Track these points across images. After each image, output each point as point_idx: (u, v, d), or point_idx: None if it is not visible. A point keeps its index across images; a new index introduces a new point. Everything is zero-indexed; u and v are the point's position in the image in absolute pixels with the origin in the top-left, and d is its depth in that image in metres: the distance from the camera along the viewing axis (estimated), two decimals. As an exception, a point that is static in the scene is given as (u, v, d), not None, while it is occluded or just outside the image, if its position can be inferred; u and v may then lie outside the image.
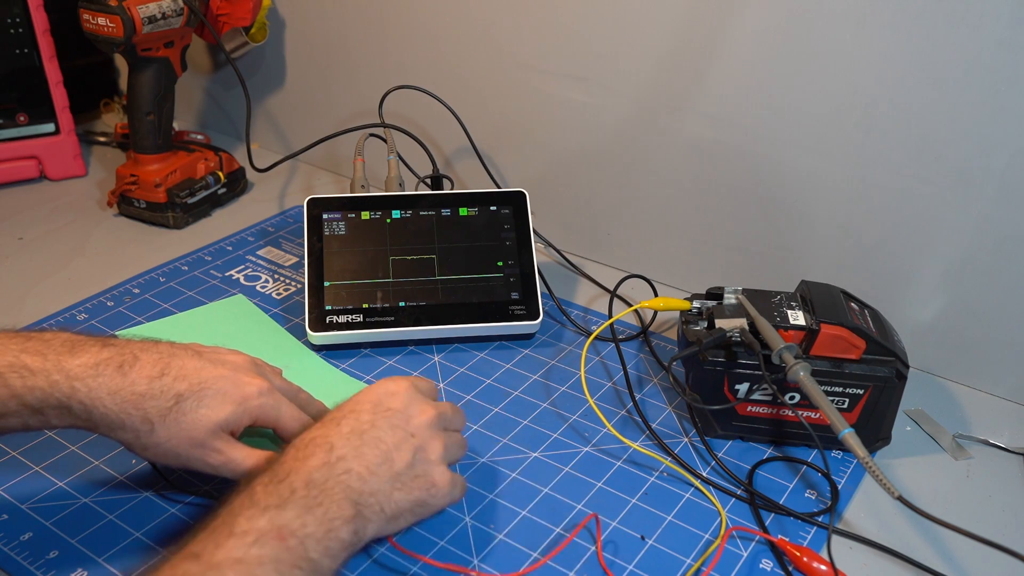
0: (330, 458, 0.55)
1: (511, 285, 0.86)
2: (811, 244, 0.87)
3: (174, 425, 0.59)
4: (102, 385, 0.58)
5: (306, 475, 0.53)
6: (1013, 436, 0.77)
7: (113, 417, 0.58)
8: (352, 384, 0.80)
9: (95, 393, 0.57)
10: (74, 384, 0.57)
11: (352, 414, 0.59)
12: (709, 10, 0.83)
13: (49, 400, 0.57)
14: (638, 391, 0.81)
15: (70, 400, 0.57)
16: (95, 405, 0.57)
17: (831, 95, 0.80)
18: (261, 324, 0.85)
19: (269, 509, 0.51)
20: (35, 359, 0.57)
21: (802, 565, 0.62)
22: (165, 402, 0.59)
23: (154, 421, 0.58)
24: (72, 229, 1.05)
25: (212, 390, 0.60)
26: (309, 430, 0.58)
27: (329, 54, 1.14)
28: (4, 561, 0.61)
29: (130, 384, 0.58)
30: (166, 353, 0.61)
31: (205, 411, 0.59)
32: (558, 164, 1.00)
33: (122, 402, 0.58)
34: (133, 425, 0.58)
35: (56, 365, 0.57)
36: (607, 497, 0.69)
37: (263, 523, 0.50)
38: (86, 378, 0.58)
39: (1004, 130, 0.73)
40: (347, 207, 0.88)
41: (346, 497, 0.54)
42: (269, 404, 0.62)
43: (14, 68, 1.09)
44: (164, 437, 0.59)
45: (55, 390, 0.57)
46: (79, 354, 0.58)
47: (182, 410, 0.59)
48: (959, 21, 0.72)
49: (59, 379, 0.57)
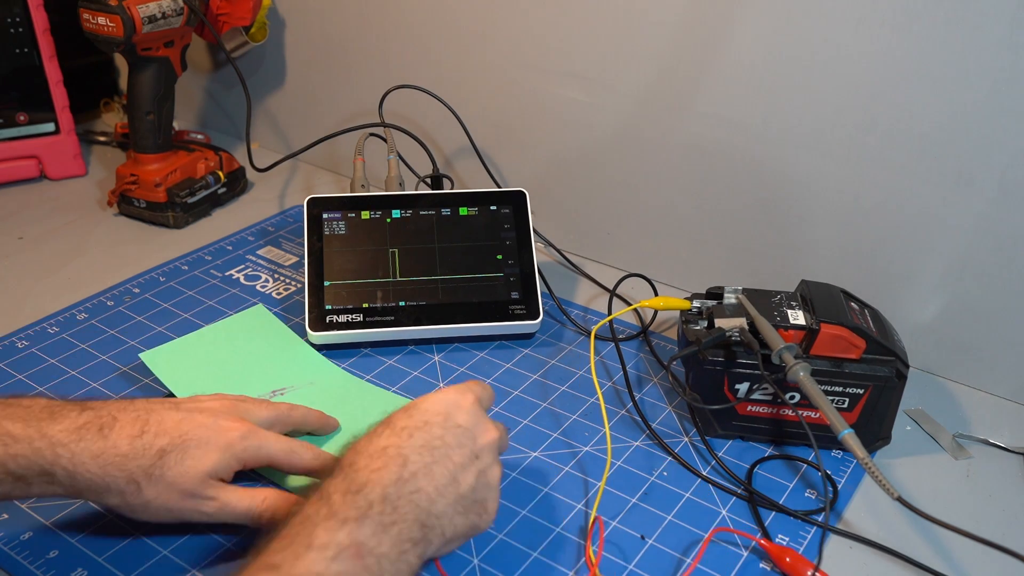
0: (403, 473, 0.53)
1: (511, 285, 0.86)
2: (811, 244, 0.87)
3: (160, 481, 0.58)
4: (84, 450, 0.57)
5: (382, 489, 0.52)
6: (1013, 436, 0.77)
7: (98, 481, 0.57)
8: (378, 393, 0.79)
9: (78, 458, 0.56)
10: (57, 450, 0.56)
11: (426, 426, 0.56)
12: (709, 10, 0.83)
13: (32, 468, 0.56)
14: (638, 391, 0.81)
15: (53, 467, 0.56)
16: (78, 471, 0.56)
17: (831, 95, 0.80)
18: (283, 338, 0.84)
19: (348, 522, 0.50)
20: (17, 426, 0.56)
21: (785, 566, 0.62)
22: (148, 460, 0.58)
23: (140, 480, 0.58)
24: (72, 229, 1.05)
25: (194, 440, 0.59)
26: (379, 434, 0.56)
27: (329, 54, 1.14)
28: (4, 561, 0.61)
29: (112, 446, 0.57)
30: (143, 410, 0.60)
31: (191, 462, 0.59)
32: (558, 164, 1.00)
33: (106, 465, 0.57)
34: (119, 487, 0.57)
35: (38, 431, 0.56)
36: (607, 497, 0.69)
37: (342, 537, 0.49)
38: (69, 443, 0.57)
39: (1004, 130, 0.73)
40: (347, 207, 0.88)
41: (416, 519, 0.52)
42: (253, 446, 0.61)
43: (14, 68, 1.09)
44: (152, 495, 0.58)
45: (38, 457, 0.56)
46: (59, 419, 0.57)
47: (166, 464, 0.58)
48: (959, 21, 0.72)
49: (42, 446, 0.56)
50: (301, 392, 0.77)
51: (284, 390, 0.77)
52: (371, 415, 0.72)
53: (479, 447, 0.57)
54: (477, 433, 0.58)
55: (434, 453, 0.55)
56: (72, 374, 0.80)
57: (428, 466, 0.54)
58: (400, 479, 0.53)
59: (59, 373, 0.80)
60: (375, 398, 0.78)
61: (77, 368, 0.80)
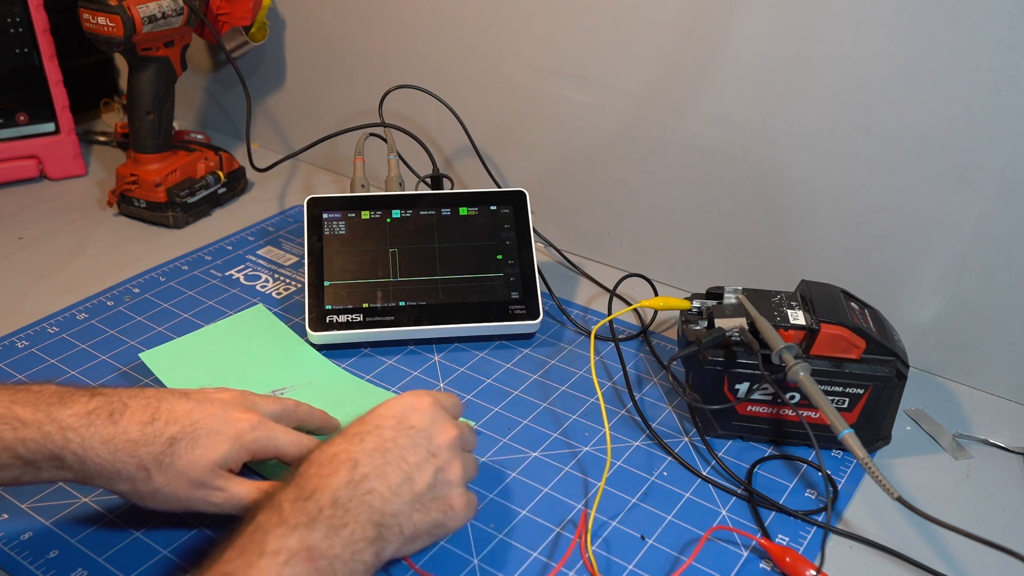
0: (354, 476, 0.55)
1: (511, 285, 0.86)
2: (811, 244, 0.87)
3: (170, 469, 0.58)
4: (95, 435, 0.57)
5: (332, 493, 0.53)
6: (1013, 436, 0.77)
7: (108, 467, 0.57)
8: (377, 393, 0.79)
9: (88, 443, 0.57)
10: (67, 435, 0.56)
11: (377, 430, 0.58)
12: (709, 10, 0.83)
13: (42, 452, 0.56)
14: (638, 391, 0.81)
15: (63, 451, 0.56)
16: (88, 456, 0.57)
17: (831, 95, 0.80)
18: (283, 338, 0.84)
19: (299, 528, 0.51)
20: (27, 410, 0.56)
21: (785, 566, 0.62)
22: (159, 447, 0.58)
23: (150, 467, 0.58)
24: (72, 229, 1.05)
25: (205, 429, 0.60)
26: (331, 443, 0.57)
27: (329, 54, 1.14)
28: (4, 561, 0.61)
29: (122, 432, 0.58)
30: (154, 398, 0.61)
31: (201, 451, 0.59)
32: (558, 164, 1.00)
33: (116, 451, 0.57)
34: (129, 473, 0.58)
35: (48, 416, 0.57)
36: (607, 497, 0.69)
37: (293, 542, 0.50)
38: (79, 428, 0.57)
39: (1004, 130, 0.73)
40: (347, 207, 0.88)
41: (369, 519, 0.54)
42: (263, 437, 0.62)
43: (14, 68, 1.09)
44: (162, 482, 0.58)
45: (48, 441, 0.56)
46: (69, 404, 0.58)
47: (177, 452, 0.58)
48: (959, 21, 0.72)
49: (52, 430, 0.56)
50: (301, 391, 0.77)
51: (284, 390, 0.77)
52: None
53: (435, 446, 0.59)
54: (433, 432, 0.59)
55: (386, 455, 0.56)
56: (72, 374, 0.80)
57: (380, 467, 0.56)
58: (351, 481, 0.54)
59: (59, 373, 0.80)
60: (375, 398, 0.78)
61: (77, 368, 0.80)
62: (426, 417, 0.60)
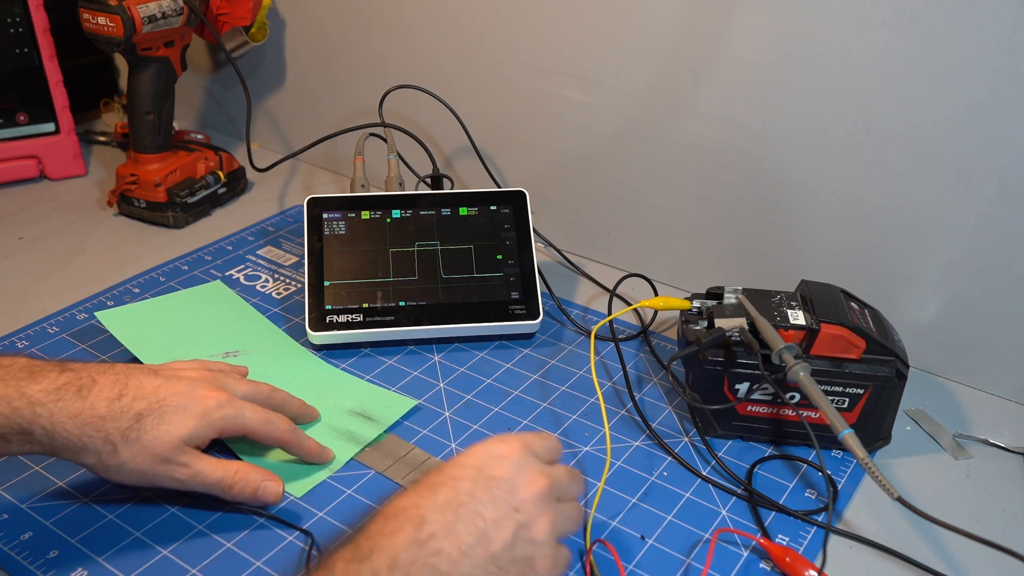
0: (419, 535, 0.48)
1: (511, 285, 0.86)
2: (811, 244, 0.87)
3: (136, 444, 0.59)
4: (63, 409, 0.57)
5: (391, 555, 0.48)
6: (1013, 436, 0.77)
7: (75, 441, 0.58)
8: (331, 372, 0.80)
9: (56, 418, 0.57)
10: (36, 409, 0.57)
11: (452, 481, 0.51)
12: (709, 10, 0.83)
13: (11, 426, 0.57)
14: (638, 391, 0.81)
15: (32, 425, 0.57)
16: (56, 430, 0.57)
17: (831, 95, 0.80)
18: (239, 309, 0.86)
19: None
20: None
21: (785, 566, 0.62)
22: (125, 422, 0.59)
23: (116, 442, 0.58)
24: (72, 229, 1.05)
25: (172, 406, 0.60)
26: (402, 495, 0.52)
27: (329, 54, 1.14)
28: (4, 561, 0.61)
29: (90, 407, 0.58)
30: (123, 374, 0.61)
31: (167, 427, 0.59)
32: (558, 164, 1.00)
33: (83, 425, 0.58)
34: (95, 447, 0.58)
35: (17, 391, 0.57)
36: (607, 497, 0.69)
37: None
38: (47, 403, 0.57)
39: (1004, 130, 0.73)
40: (347, 207, 0.88)
41: None
42: (231, 414, 0.62)
43: (14, 68, 1.09)
44: (127, 457, 0.59)
45: (17, 416, 0.57)
46: (39, 379, 0.58)
47: (143, 428, 0.59)
48: (959, 21, 0.72)
49: (21, 405, 0.57)
50: (254, 356, 0.79)
51: (237, 352, 0.78)
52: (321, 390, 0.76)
53: (519, 499, 0.51)
54: (518, 484, 0.52)
55: (459, 511, 0.50)
56: (72, 374, 0.80)
57: (451, 524, 0.49)
58: (415, 541, 0.48)
59: (59, 373, 0.80)
60: (327, 375, 0.79)
61: (77, 368, 0.80)
62: (511, 466, 0.52)
